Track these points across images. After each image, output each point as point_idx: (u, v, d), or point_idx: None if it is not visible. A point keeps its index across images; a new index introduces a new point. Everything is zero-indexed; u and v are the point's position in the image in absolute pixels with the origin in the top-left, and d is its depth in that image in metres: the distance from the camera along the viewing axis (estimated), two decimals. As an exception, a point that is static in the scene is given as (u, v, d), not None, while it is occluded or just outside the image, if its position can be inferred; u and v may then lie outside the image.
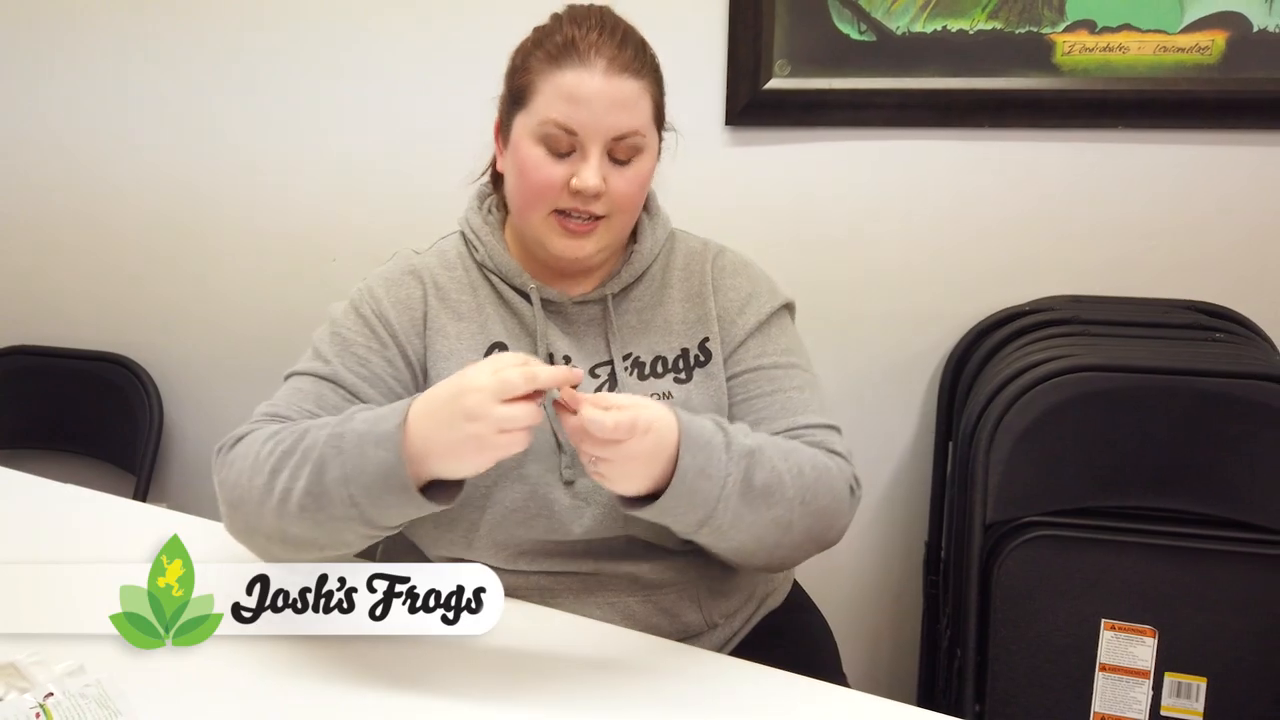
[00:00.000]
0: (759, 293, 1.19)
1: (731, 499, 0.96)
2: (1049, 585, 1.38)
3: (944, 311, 1.72)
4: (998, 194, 1.68)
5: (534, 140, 1.06)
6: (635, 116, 1.06)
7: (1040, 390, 1.37)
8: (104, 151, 2.03)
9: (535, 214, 1.08)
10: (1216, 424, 1.33)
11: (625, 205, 1.09)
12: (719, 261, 1.20)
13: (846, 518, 1.09)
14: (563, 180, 1.06)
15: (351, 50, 1.86)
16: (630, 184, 1.08)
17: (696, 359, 1.15)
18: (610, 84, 1.05)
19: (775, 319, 1.18)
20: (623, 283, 1.16)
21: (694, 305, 1.17)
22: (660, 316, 1.17)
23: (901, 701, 0.96)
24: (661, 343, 1.16)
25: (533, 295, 1.13)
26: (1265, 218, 1.60)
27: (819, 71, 1.67)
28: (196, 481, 2.12)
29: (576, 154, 1.06)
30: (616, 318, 1.15)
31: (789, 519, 1.00)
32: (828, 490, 1.04)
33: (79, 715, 0.89)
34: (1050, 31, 1.59)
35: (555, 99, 1.05)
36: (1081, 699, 1.38)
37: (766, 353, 1.16)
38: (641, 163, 1.09)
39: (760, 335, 1.17)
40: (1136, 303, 1.62)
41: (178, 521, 1.35)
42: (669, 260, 1.19)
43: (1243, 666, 1.34)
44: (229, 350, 2.05)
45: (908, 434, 1.79)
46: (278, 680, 0.96)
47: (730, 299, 1.18)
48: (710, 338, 1.16)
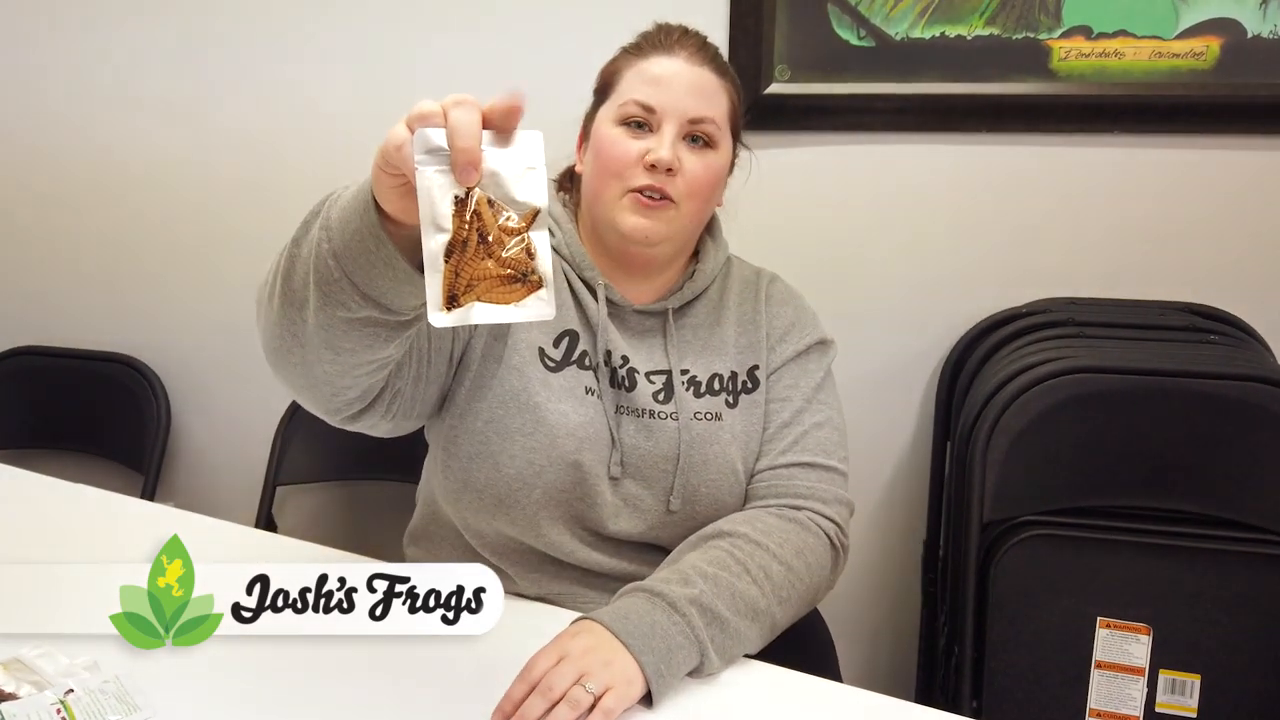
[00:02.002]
0: (802, 323, 1.24)
1: (711, 633, 0.97)
2: (1045, 583, 1.39)
3: (942, 313, 1.74)
4: (995, 198, 1.70)
5: (614, 122, 1.12)
6: (712, 106, 1.12)
7: (1037, 391, 1.39)
8: (112, 154, 2.04)
9: (610, 191, 1.12)
10: (1211, 425, 1.35)
11: (697, 190, 1.12)
12: (771, 290, 1.25)
13: (831, 580, 1.15)
14: (638, 154, 1.10)
15: (363, 53, 1.88)
16: (704, 170, 1.12)
17: (745, 385, 1.19)
18: (691, 70, 1.12)
19: (813, 353, 1.23)
20: (684, 298, 1.19)
21: (746, 331, 1.21)
22: (717, 337, 1.20)
23: (899, 698, 0.98)
24: (717, 362, 1.19)
25: (599, 292, 1.16)
26: (1260, 221, 1.62)
27: (819, 76, 1.69)
28: (203, 480, 2.14)
29: (653, 135, 1.11)
30: (676, 332, 1.19)
31: (772, 622, 1.04)
32: (803, 575, 1.08)
33: (100, 711, 0.91)
34: (1047, 37, 1.61)
35: (637, 82, 1.12)
36: (1077, 695, 1.39)
37: (799, 384, 1.20)
38: (715, 156, 1.14)
39: (795, 366, 1.21)
40: (1132, 305, 1.64)
41: (184, 520, 1.36)
42: (725, 284, 1.23)
43: (1236, 664, 1.36)
44: (236, 351, 2.07)
45: (906, 435, 1.81)
46: (285, 676, 0.97)
47: (775, 325, 1.22)
48: (759, 366, 1.20)
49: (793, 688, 0.99)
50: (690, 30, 1.18)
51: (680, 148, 1.11)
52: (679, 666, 0.95)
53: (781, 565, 1.06)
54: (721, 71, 1.16)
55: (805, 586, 1.08)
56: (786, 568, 1.06)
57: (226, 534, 1.31)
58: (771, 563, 1.05)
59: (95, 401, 2.11)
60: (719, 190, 1.19)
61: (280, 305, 0.92)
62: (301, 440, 1.92)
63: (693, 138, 1.12)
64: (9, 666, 0.97)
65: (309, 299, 0.88)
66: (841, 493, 1.18)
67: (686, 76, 1.12)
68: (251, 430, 2.01)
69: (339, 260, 0.85)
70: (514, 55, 1.77)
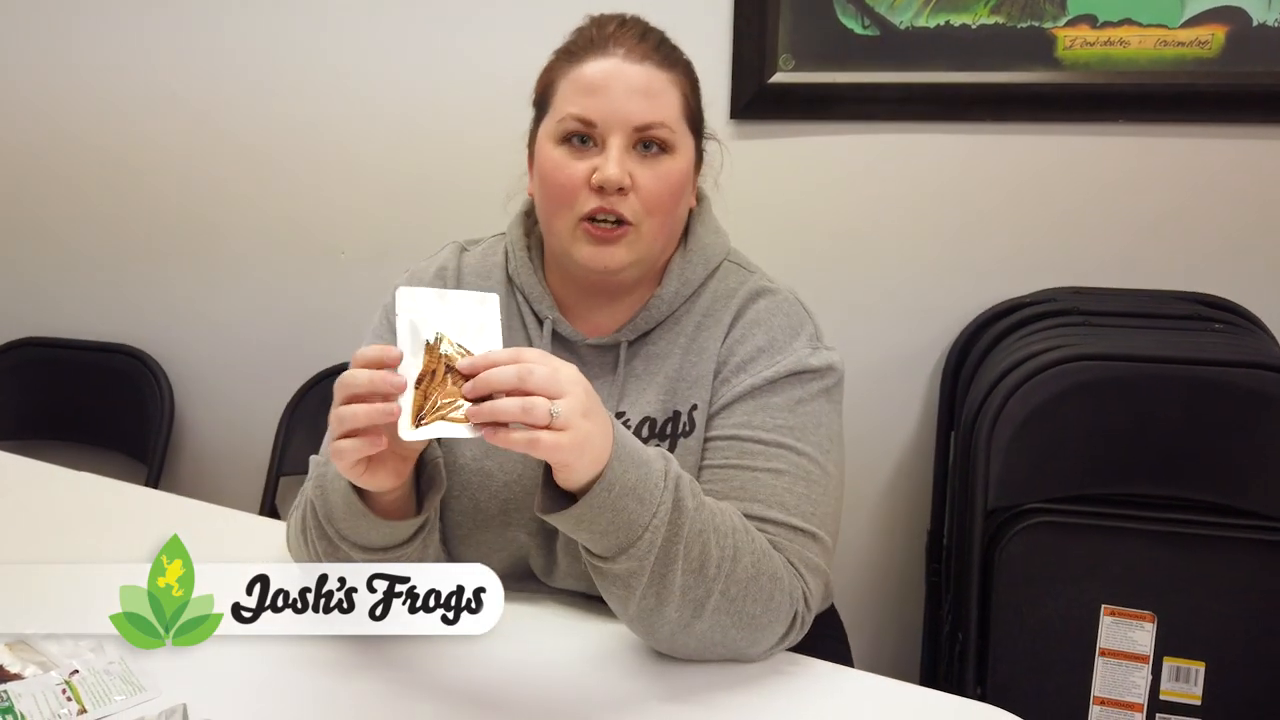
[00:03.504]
0: (774, 350, 1.02)
1: (661, 528, 0.85)
2: (1049, 571, 1.40)
3: (947, 303, 1.74)
4: (1000, 187, 1.70)
5: (554, 141, 1.00)
6: (660, 107, 0.99)
7: (1040, 379, 1.39)
8: (116, 145, 2.05)
9: (561, 222, 1.00)
10: (1214, 412, 1.35)
11: (656, 206, 0.99)
12: (747, 309, 1.06)
13: (773, 640, 0.94)
14: (584, 177, 0.98)
15: (362, 45, 1.88)
16: (659, 182, 0.99)
17: (684, 428, 1.03)
18: (629, 69, 0.99)
19: (783, 386, 1.01)
20: (638, 329, 1.06)
21: (698, 361, 1.04)
22: (668, 369, 1.05)
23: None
24: (655, 403, 1.04)
25: (545, 327, 1.06)
26: (1264, 210, 1.61)
27: (823, 66, 1.69)
28: (207, 471, 2.14)
29: (598, 149, 0.99)
30: (627, 365, 1.05)
31: (701, 598, 0.88)
32: (760, 598, 0.90)
33: (105, 692, 0.92)
34: (1052, 26, 1.61)
35: (573, 93, 1.00)
36: (1082, 683, 1.40)
37: (752, 424, 0.99)
38: (672, 162, 1.00)
39: (752, 401, 1.01)
40: (1137, 294, 1.64)
41: (190, 507, 1.37)
42: (695, 304, 1.07)
43: (1241, 651, 1.36)
44: (240, 341, 2.07)
45: (911, 424, 1.81)
46: (286, 665, 0.98)
47: (736, 354, 1.03)
48: (699, 406, 1.02)
49: (803, 671, 0.98)
50: (628, 19, 1.03)
51: (631, 161, 0.98)
52: (628, 506, 0.84)
53: (754, 565, 0.91)
54: (667, 62, 1.01)
55: (758, 609, 0.91)
56: (757, 570, 0.91)
57: (232, 521, 1.31)
58: (745, 552, 0.90)
59: (99, 392, 2.11)
60: (684, 196, 1.04)
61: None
62: (305, 430, 1.92)
63: (645, 144, 0.99)
64: (14, 648, 0.98)
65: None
66: (812, 557, 0.95)
67: (627, 78, 0.98)
68: (255, 420, 2.02)
69: (343, 536, 0.96)
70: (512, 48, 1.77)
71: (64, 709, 0.90)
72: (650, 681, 0.96)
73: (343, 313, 1.93)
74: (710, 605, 0.89)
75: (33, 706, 0.89)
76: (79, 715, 0.89)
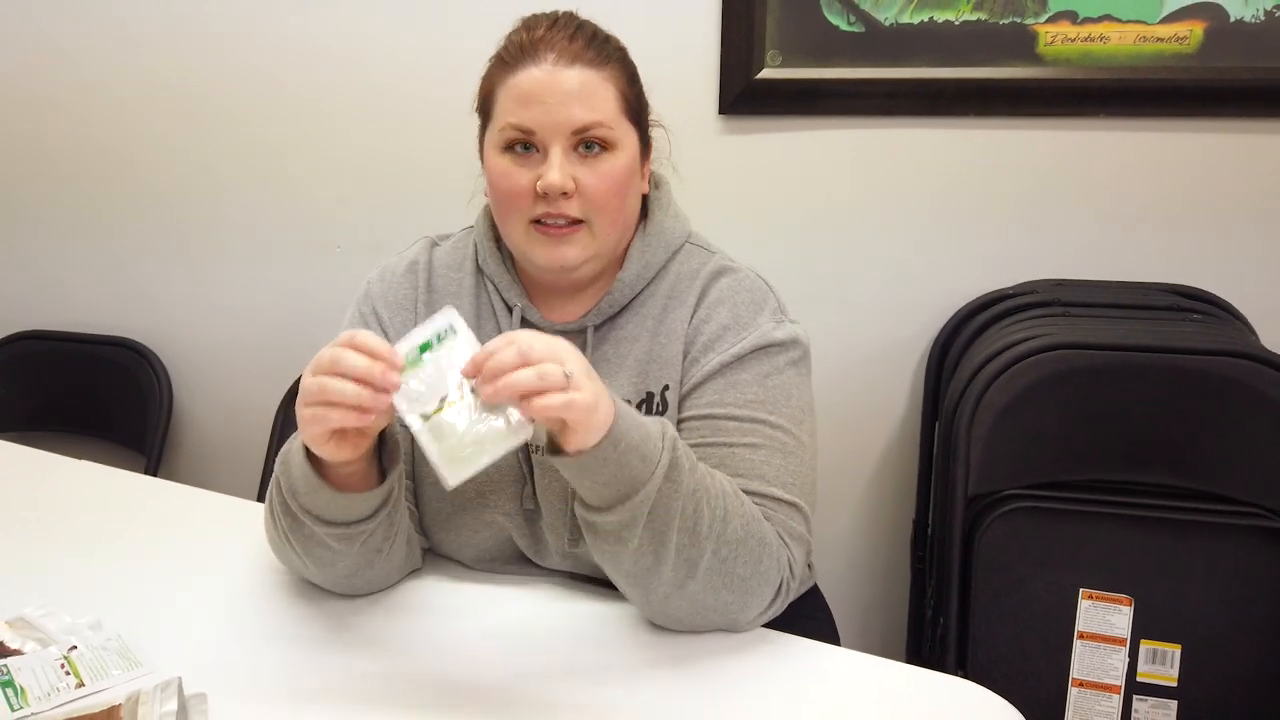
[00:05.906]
0: (739, 327, 1.05)
1: (658, 482, 0.87)
2: (1029, 556, 1.42)
3: (931, 295, 1.77)
4: (984, 181, 1.72)
5: (498, 151, 1.03)
6: (596, 108, 1.01)
7: (1020, 367, 1.41)
8: (115, 138, 2.07)
9: (514, 227, 1.04)
10: (1191, 400, 1.37)
11: (602, 205, 1.02)
12: (710, 288, 1.08)
13: (761, 605, 0.97)
14: (529, 184, 1.01)
15: (360, 39, 1.91)
16: (603, 180, 1.02)
17: (657, 408, 1.05)
18: (560, 75, 1.00)
19: (751, 362, 1.04)
20: (604, 313, 1.08)
21: (667, 343, 1.06)
22: (637, 352, 1.07)
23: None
24: (627, 384, 1.07)
25: (515, 314, 1.09)
26: (1242, 203, 1.64)
27: (810, 62, 1.72)
28: (205, 462, 2.17)
29: (541, 155, 1.01)
30: (594, 350, 1.08)
31: (694, 558, 0.91)
32: (749, 560, 0.93)
33: (102, 667, 0.94)
34: (1033, 22, 1.63)
35: (509, 103, 1.02)
36: (1060, 665, 1.42)
37: (724, 401, 1.02)
38: (615, 159, 1.02)
39: (721, 379, 1.03)
40: (1117, 286, 1.66)
41: (189, 494, 1.40)
42: (658, 287, 1.09)
43: (1215, 634, 1.38)
44: (236, 333, 2.10)
45: (896, 416, 1.84)
46: (282, 643, 1.00)
47: (703, 333, 1.06)
48: (670, 386, 1.05)
49: (795, 650, 0.99)
50: (559, 17, 1.05)
51: (572, 163, 1.01)
52: (630, 461, 0.87)
53: (745, 529, 0.93)
54: (599, 59, 1.02)
55: (747, 570, 0.94)
56: (748, 534, 0.94)
57: (230, 510, 1.33)
58: (735, 516, 0.93)
59: (98, 384, 2.14)
60: (632, 188, 1.06)
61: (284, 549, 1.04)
62: (301, 422, 1.95)
63: (586, 145, 1.01)
64: (14, 624, 1.00)
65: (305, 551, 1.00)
66: (795, 526, 0.99)
67: (561, 84, 1.00)
68: (252, 411, 2.04)
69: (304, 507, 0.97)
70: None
71: (62, 683, 0.92)
72: (642, 658, 0.97)
73: (338, 305, 1.94)
74: (703, 565, 0.91)
75: (32, 680, 0.92)
76: (77, 688, 0.91)
